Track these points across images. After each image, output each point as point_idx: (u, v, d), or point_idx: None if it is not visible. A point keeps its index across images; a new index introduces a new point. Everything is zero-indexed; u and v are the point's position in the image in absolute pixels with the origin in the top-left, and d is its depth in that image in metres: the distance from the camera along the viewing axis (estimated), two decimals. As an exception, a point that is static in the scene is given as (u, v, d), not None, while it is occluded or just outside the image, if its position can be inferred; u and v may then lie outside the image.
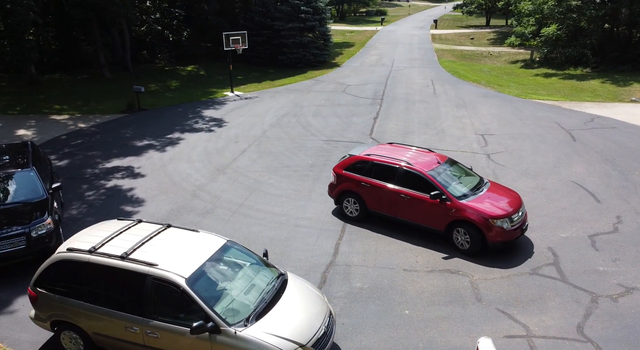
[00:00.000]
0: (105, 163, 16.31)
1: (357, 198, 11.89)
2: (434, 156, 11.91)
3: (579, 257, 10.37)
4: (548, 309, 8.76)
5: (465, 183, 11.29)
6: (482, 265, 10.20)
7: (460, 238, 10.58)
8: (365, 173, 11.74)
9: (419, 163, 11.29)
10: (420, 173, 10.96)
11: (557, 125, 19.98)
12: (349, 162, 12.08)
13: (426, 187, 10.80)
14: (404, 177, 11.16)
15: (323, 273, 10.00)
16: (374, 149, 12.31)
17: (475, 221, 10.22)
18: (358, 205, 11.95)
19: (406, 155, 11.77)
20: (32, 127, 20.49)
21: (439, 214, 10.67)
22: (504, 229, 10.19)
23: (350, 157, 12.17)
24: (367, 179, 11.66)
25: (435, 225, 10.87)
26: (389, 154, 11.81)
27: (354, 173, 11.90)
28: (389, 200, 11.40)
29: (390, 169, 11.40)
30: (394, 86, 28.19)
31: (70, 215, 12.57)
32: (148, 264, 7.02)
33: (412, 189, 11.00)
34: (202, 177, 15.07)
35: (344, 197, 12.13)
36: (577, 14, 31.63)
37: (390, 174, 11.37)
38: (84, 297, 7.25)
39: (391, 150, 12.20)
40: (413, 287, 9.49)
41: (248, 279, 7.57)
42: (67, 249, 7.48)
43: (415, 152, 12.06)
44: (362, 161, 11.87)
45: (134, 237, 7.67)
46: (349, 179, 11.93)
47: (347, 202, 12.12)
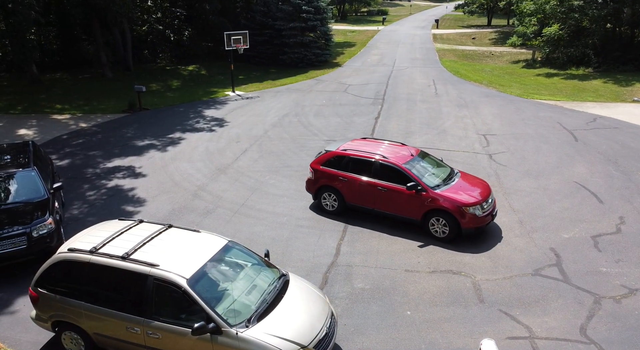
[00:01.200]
0: (107, 163, 16.30)
1: (335, 192, 12.19)
2: (408, 149, 12.35)
3: (582, 258, 10.32)
4: (551, 310, 8.72)
5: (438, 174, 11.78)
6: (484, 266, 10.16)
7: (437, 226, 11.05)
8: (342, 168, 12.06)
9: (394, 156, 11.71)
10: (395, 166, 11.39)
11: (559, 126, 19.92)
12: (326, 157, 12.33)
13: (402, 179, 11.25)
14: (380, 170, 11.56)
15: (324, 273, 9.97)
16: (349, 144, 12.57)
17: (450, 209, 10.76)
18: (336, 200, 12.24)
19: (380, 149, 12.15)
20: (33, 127, 20.48)
21: (415, 204, 11.13)
22: (476, 215, 10.75)
23: (326, 153, 12.41)
24: (344, 173, 11.99)
25: (412, 215, 11.32)
26: (364, 149, 12.12)
27: (331, 168, 12.19)
28: (366, 193, 11.75)
29: (367, 162, 11.75)
30: (395, 86, 28.15)
31: (72, 215, 12.55)
32: (149, 265, 6.99)
33: (388, 182, 11.42)
34: (203, 177, 15.05)
35: (322, 192, 12.43)
36: (579, 13, 31.57)
37: (367, 168, 11.73)
38: (85, 297, 7.23)
39: (365, 144, 12.51)
40: (415, 288, 9.45)
41: (249, 280, 7.54)
42: (68, 249, 7.45)
43: (388, 146, 12.45)
44: (338, 156, 12.16)
45: (135, 238, 7.65)
46: (327, 174, 12.21)
47: (326, 196, 12.40)
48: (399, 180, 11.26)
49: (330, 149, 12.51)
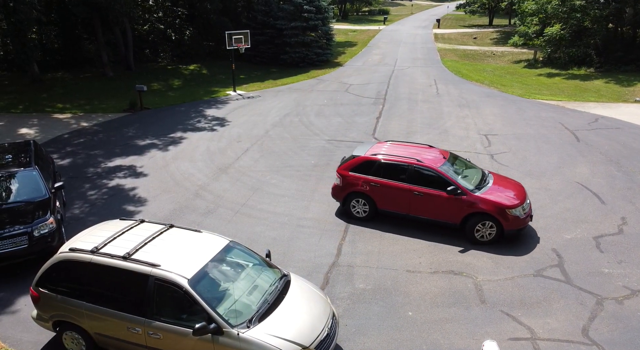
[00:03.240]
0: (108, 162, 16.29)
1: (366, 198, 11.79)
2: (438, 152, 12.09)
3: (584, 259, 10.30)
4: (553, 311, 8.70)
5: (472, 176, 11.55)
6: (485, 266, 10.14)
7: (483, 231, 10.81)
8: (373, 173, 11.66)
9: (428, 160, 11.43)
10: (432, 169, 11.14)
11: (561, 126, 19.89)
12: (355, 163, 11.93)
13: (439, 182, 10.99)
14: (415, 175, 11.26)
15: (326, 274, 9.95)
16: (376, 148, 12.22)
17: (493, 212, 10.57)
18: (367, 206, 11.85)
19: (410, 152, 11.85)
20: (34, 126, 20.48)
21: (454, 208, 10.89)
22: (518, 217, 10.63)
23: (355, 158, 11.99)
24: (376, 178, 11.59)
25: (450, 219, 11.08)
26: (394, 152, 11.80)
27: (361, 174, 11.78)
28: (400, 199, 11.41)
29: (401, 167, 11.42)
30: (396, 86, 28.11)
31: (73, 215, 12.54)
32: (150, 265, 6.97)
33: (424, 186, 11.13)
34: (204, 176, 15.03)
35: (352, 198, 11.97)
36: (580, 13, 31.51)
37: (401, 172, 11.40)
38: (86, 297, 7.22)
39: (393, 148, 12.19)
40: (416, 289, 9.43)
41: (251, 280, 7.52)
42: (70, 249, 7.44)
43: (418, 149, 12.19)
44: (368, 161, 11.76)
45: (137, 238, 7.63)
46: (357, 179, 11.79)
47: (356, 203, 11.97)
48: (435, 184, 11.01)
49: (358, 153, 12.04)
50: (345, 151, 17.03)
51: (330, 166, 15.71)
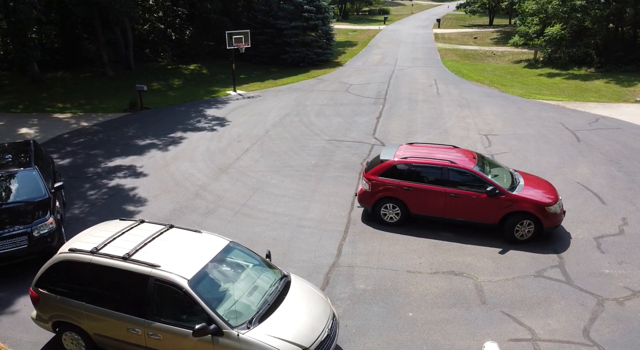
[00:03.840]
0: (108, 162, 16.27)
1: (398, 203, 11.53)
2: (466, 152, 12.08)
3: (585, 260, 10.28)
4: (553, 312, 8.68)
5: (501, 175, 11.54)
6: (486, 267, 10.12)
7: (522, 229, 10.82)
8: (405, 177, 11.42)
9: (461, 160, 11.36)
10: (467, 170, 11.09)
11: (562, 126, 19.87)
12: (385, 167, 11.59)
13: (475, 183, 10.98)
14: (449, 176, 11.15)
15: (326, 274, 9.93)
16: (404, 151, 11.93)
17: (533, 211, 10.62)
18: (399, 210, 11.60)
19: (439, 154, 11.73)
20: (34, 126, 20.46)
21: (493, 208, 10.87)
22: (556, 214, 10.78)
23: (384, 162, 11.63)
24: (408, 182, 11.36)
25: (488, 220, 11.05)
26: (424, 155, 11.63)
27: (392, 178, 11.50)
28: (435, 201, 11.24)
29: (434, 169, 11.27)
30: (397, 86, 28.09)
31: (73, 215, 12.52)
32: (150, 265, 6.96)
33: (459, 187, 11.06)
34: (204, 176, 15.01)
35: (382, 203, 11.67)
36: (581, 13, 31.48)
37: (435, 175, 11.25)
38: (85, 298, 7.20)
39: (421, 150, 12.00)
40: (417, 289, 9.41)
41: (251, 281, 7.51)
42: (69, 249, 7.42)
43: (445, 150, 12.08)
44: (399, 165, 11.51)
45: (136, 238, 7.62)
46: (388, 184, 11.49)
47: (386, 208, 11.68)
48: (471, 185, 10.98)
49: (387, 157, 11.72)
50: (345, 151, 17.03)
51: (331, 166, 15.70)
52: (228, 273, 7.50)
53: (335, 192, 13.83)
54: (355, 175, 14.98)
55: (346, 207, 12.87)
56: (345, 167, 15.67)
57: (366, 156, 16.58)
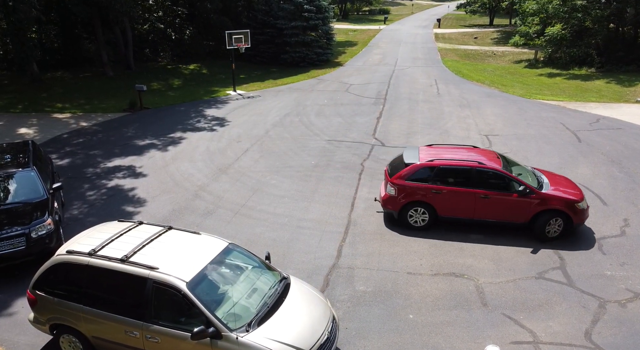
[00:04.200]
0: (107, 162, 16.20)
1: (426, 207, 11.35)
2: (489, 153, 12.11)
3: (586, 261, 10.22)
4: (555, 314, 8.62)
5: (525, 174, 11.57)
6: (487, 268, 10.05)
7: (551, 227, 10.91)
8: (433, 179, 11.25)
9: (489, 161, 11.33)
10: (497, 171, 11.06)
11: (562, 126, 19.80)
12: (411, 170, 11.34)
13: (503, 183, 10.99)
14: (478, 178, 11.08)
15: (326, 276, 9.86)
16: (427, 154, 11.73)
17: (564, 208, 10.76)
18: (427, 214, 11.42)
19: (464, 154, 11.68)
20: (33, 126, 20.39)
21: (523, 208, 10.90)
22: (584, 210, 10.96)
23: (411, 166, 11.37)
24: (436, 185, 11.19)
25: (519, 219, 11.08)
26: (450, 157, 11.50)
27: (419, 182, 11.30)
28: (465, 203, 11.16)
29: (462, 171, 11.16)
30: (397, 86, 28.03)
31: (71, 215, 12.45)
32: (148, 268, 6.89)
33: (489, 188, 11.02)
34: (204, 177, 14.95)
35: (409, 208, 11.44)
36: (582, 13, 31.41)
37: (463, 176, 11.16)
38: (83, 300, 7.13)
39: (441, 151, 11.91)
40: (417, 291, 9.35)
41: (250, 283, 7.44)
42: (67, 251, 7.36)
43: (468, 151, 12.06)
44: (426, 168, 11.31)
45: (135, 240, 7.55)
46: (415, 188, 11.27)
47: (414, 212, 11.45)
48: (499, 186, 10.97)
49: (412, 161, 11.45)
50: (345, 152, 16.96)
51: (330, 167, 15.63)
52: (227, 275, 7.44)
53: (335, 192, 13.76)
54: (355, 175, 14.92)
55: (346, 208, 12.81)
56: (346, 167, 15.61)
57: (366, 157, 16.52)
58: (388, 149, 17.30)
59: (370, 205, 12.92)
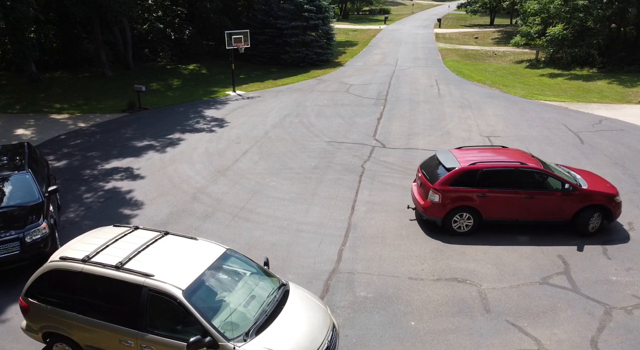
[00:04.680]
0: (105, 164, 16.01)
1: (471, 211, 11.12)
2: (521, 152, 12.20)
3: (591, 266, 10.03)
4: (560, 321, 8.43)
5: (561, 171, 11.70)
6: (490, 273, 9.87)
7: (593, 222, 11.11)
8: (476, 183, 11.02)
9: (529, 161, 11.35)
10: (540, 170, 11.10)
11: (565, 127, 19.62)
12: (454, 175, 11.04)
13: (546, 182, 11.08)
14: (521, 178, 11.03)
15: (326, 281, 9.68)
16: (466, 156, 11.52)
17: (605, 203, 10.98)
18: (471, 219, 11.20)
19: (501, 155, 11.69)
20: (31, 127, 20.21)
21: (567, 205, 11.00)
22: (621, 203, 11.26)
23: (453, 171, 11.06)
24: (481, 189, 11.00)
25: (562, 217, 11.18)
26: (491, 158, 11.41)
27: (463, 186, 11.04)
28: (509, 205, 11.06)
29: (506, 172, 11.03)
30: (397, 86, 27.85)
31: (68, 218, 12.27)
32: (144, 275, 6.71)
33: (532, 188, 11.02)
34: (202, 179, 14.77)
35: (455, 213, 11.16)
36: (583, 13, 31.20)
37: (506, 178, 11.03)
38: (76, 308, 6.94)
39: (476, 154, 11.77)
40: (419, 297, 9.16)
41: (248, 290, 7.26)
42: (60, 257, 7.17)
43: (502, 151, 12.15)
44: (469, 171, 11.03)
45: (130, 246, 7.37)
46: (459, 193, 11.03)
47: (459, 217, 11.19)
48: (543, 185, 11.04)
49: (452, 165, 11.18)
50: (345, 153, 16.78)
51: (331, 168, 15.45)
52: (224, 282, 7.25)
53: (335, 195, 13.58)
54: (356, 177, 14.74)
55: (346, 211, 12.62)
56: (346, 169, 15.43)
57: (367, 158, 16.33)
58: (389, 150, 17.12)
59: (370, 209, 12.74)
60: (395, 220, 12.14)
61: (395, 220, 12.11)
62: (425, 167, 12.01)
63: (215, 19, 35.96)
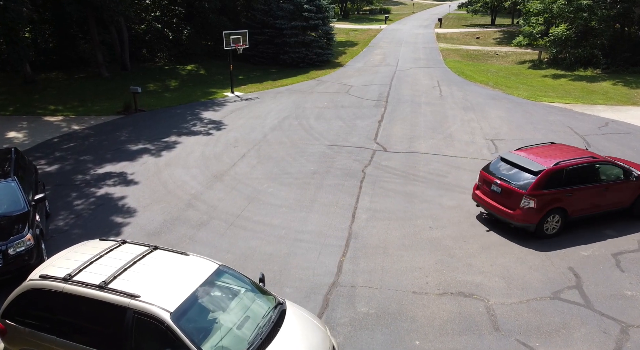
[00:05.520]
0: (97, 168, 15.52)
1: (560, 211, 11.10)
2: (573, 147, 12.79)
3: (604, 279, 9.55)
4: (573, 340, 7.95)
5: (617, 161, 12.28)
6: (497, 287, 9.39)
7: None
8: (563, 183, 11.05)
9: (593, 154, 11.85)
10: (612, 162, 11.70)
11: (570, 130, 19.14)
12: (544, 178, 10.88)
13: (615, 173, 11.59)
14: (595, 172, 11.41)
15: (325, 295, 9.19)
16: (540, 158, 11.38)
17: None
18: (559, 219, 11.16)
19: (567, 151, 11.97)
20: (23, 129, 19.72)
21: (629, 193, 11.73)
22: None
23: (542, 173, 10.87)
24: (567, 188, 11.07)
25: (624, 205, 11.85)
26: (563, 156, 11.48)
27: (551, 188, 10.95)
28: (589, 200, 11.36)
29: (584, 168, 11.31)
30: (399, 87, 27.37)
31: (56, 227, 11.78)
32: (129, 296, 6.22)
33: (606, 180, 11.47)
34: (198, 184, 14.28)
35: (547, 216, 11.02)
36: (587, 13, 30.70)
37: (585, 173, 11.31)
38: (57, 331, 6.45)
39: (541, 152, 11.82)
40: (423, 313, 8.68)
41: (242, 310, 6.78)
42: (40, 276, 6.68)
43: (561, 147, 12.44)
44: (555, 172, 10.98)
45: (116, 262, 6.88)
46: (553, 195, 10.93)
47: (550, 219, 11.07)
48: (613, 176, 11.55)
49: (539, 168, 10.97)
50: (346, 157, 16.30)
51: (330, 173, 14.97)
52: (217, 302, 6.77)
53: (335, 201, 13.10)
54: (357, 183, 14.26)
55: (347, 219, 12.15)
56: (346, 174, 14.95)
57: (367, 163, 15.85)
58: (390, 154, 16.65)
59: (372, 216, 12.26)
60: (397, 228, 11.66)
61: (398, 229, 11.63)
62: (496, 171, 11.75)
63: (214, 18, 35.47)
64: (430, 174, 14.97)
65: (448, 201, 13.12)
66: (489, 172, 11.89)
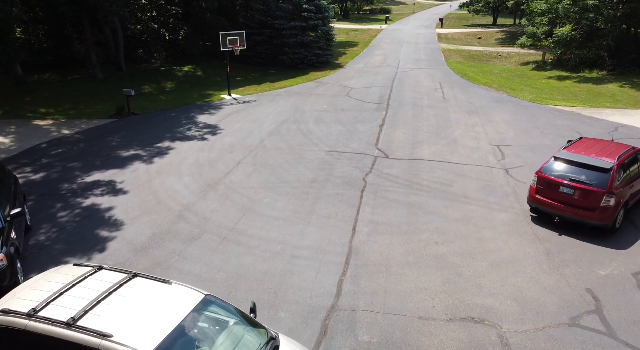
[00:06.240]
0: (85, 176, 14.78)
1: (625, 204, 11.37)
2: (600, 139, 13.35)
3: (626, 303, 8.82)
4: (596, 375, 7.23)
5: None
6: (510, 311, 8.66)
7: None
8: (624, 176, 11.35)
9: (629, 146, 12.31)
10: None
11: (579, 135, 18.36)
12: (615, 173, 11.02)
13: None
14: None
15: (324, 321, 8.47)
16: (598, 153, 11.69)
17: None
18: (622, 211, 11.29)
19: (610, 144, 12.45)
20: (11, 134, 18.98)
21: None
22: None
23: (612, 169, 11.00)
24: (628, 181, 11.43)
25: None
26: (613, 150, 11.78)
27: (621, 183, 11.23)
28: (637, 187, 11.72)
29: (633, 159, 11.74)
30: (400, 89, 26.64)
31: (37, 241, 11.03)
32: (100, 335, 5.48)
33: None
34: (190, 193, 13.55)
35: (620, 211, 11.22)
36: (593, 13, 29.95)
37: (634, 164, 11.72)
38: (20, 374, 5.74)
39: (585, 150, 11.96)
40: (431, 342, 7.95)
41: (231, 346, 6.05)
42: (1, 310, 5.94)
43: (599, 142, 12.72)
44: (619, 166, 11.22)
45: (89, 293, 6.14)
46: (622, 190, 11.21)
47: (619, 213, 11.24)
48: None
49: (607, 165, 11.09)
50: (346, 164, 15.57)
51: (329, 182, 14.24)
52: (202, 338, 6.04)
53: (334, 213, 12.38)
54: (357, 193, 13.53)
55: (347, 232, 11.42)
56: (346, 183, 14.22)
57: (368, 170, 15.12)
58: (392, 161, 15.92)
59: (373, 229, 11.54)
60: (400, 243, 10.94)
61: (401, 244, 10.91)
62: (560, 172, 11.51)
63: (212, 18, 34.69)
64: (435, 182, 14.24)
65: (454, 213, 12.40)
66: (551, 174, 11.59)
